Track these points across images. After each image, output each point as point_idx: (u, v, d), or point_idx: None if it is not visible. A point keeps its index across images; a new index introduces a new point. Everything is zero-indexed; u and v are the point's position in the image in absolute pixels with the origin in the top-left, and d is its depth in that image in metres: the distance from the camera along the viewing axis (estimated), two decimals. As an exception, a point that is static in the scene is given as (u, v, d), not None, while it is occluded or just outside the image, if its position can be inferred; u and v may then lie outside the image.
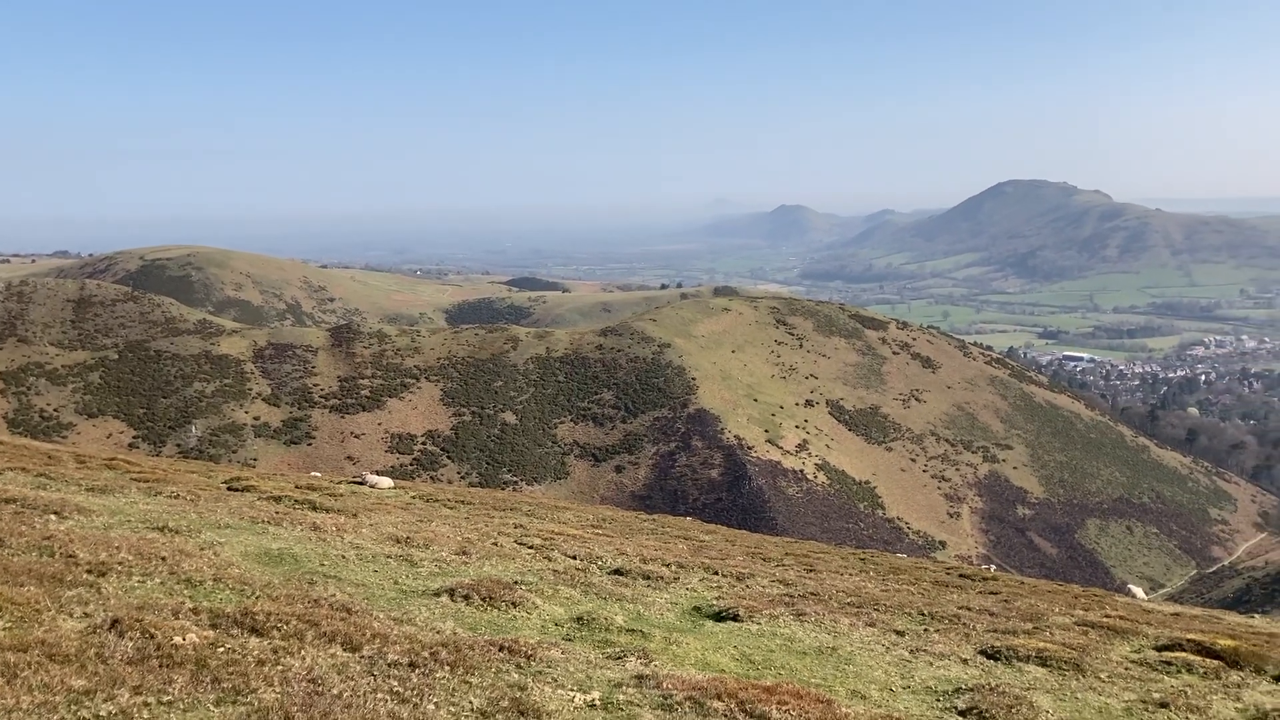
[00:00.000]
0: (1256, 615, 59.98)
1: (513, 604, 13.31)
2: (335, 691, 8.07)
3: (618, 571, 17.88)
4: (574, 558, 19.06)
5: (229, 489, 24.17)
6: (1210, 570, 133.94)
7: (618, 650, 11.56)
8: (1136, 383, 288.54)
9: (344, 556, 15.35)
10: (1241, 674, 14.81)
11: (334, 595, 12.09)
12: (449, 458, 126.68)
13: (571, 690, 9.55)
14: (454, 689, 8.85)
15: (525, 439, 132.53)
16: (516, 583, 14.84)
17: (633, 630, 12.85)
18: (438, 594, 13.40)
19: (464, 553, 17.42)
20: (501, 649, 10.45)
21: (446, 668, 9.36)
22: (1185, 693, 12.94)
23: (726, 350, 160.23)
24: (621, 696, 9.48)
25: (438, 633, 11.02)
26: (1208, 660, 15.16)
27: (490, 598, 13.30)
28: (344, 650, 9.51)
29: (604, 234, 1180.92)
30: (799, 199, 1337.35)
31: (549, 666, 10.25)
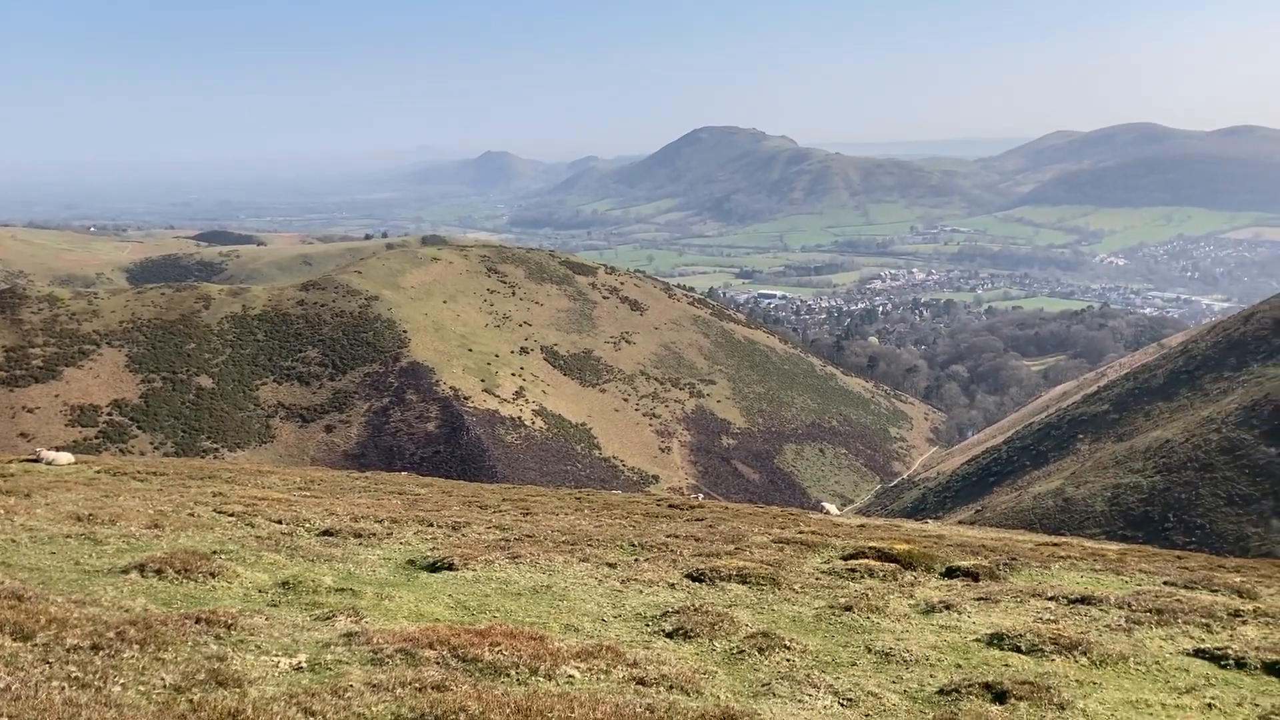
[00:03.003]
0: (930, 520, 66.47)
1: (211, 574, 12.62)
2: (1, 686, 7.35)
3: (327, 532, 17.35)
4: (279, 522, 18.31)
5: None
6: (893, 484, 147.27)
7: (327, 611, 11.25)
8: (824, 316, 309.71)
9: (14, 540, 14.00)
10: (915, 574, 16.39)
11: (1, 583, 10.99)
12: (140, 428, 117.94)
13: (276, 655, 9.20)
14: (144, 667, 8.29)
15: (224, 403, 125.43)
16: (215, 552, 14.09)
17: (343, 590, 12.54)
18: (126, 571, 12.50)
19: (156, 526, 16.31)
20: (199, 621, 9.90)
21: (135, 646, 8.75)
22: (867, 595, 14.14)
23: (438, 301, 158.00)
24: (330, 656, 9.24)
25: (126, 611, 10.28)
26: (887, 564, 16.66)
27: (186, 570, 12.55)
28: (14, 640, 8.68)
29: (300, 183, 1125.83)
30: (504, 145, 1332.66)
31: (252, 634, 9.82)
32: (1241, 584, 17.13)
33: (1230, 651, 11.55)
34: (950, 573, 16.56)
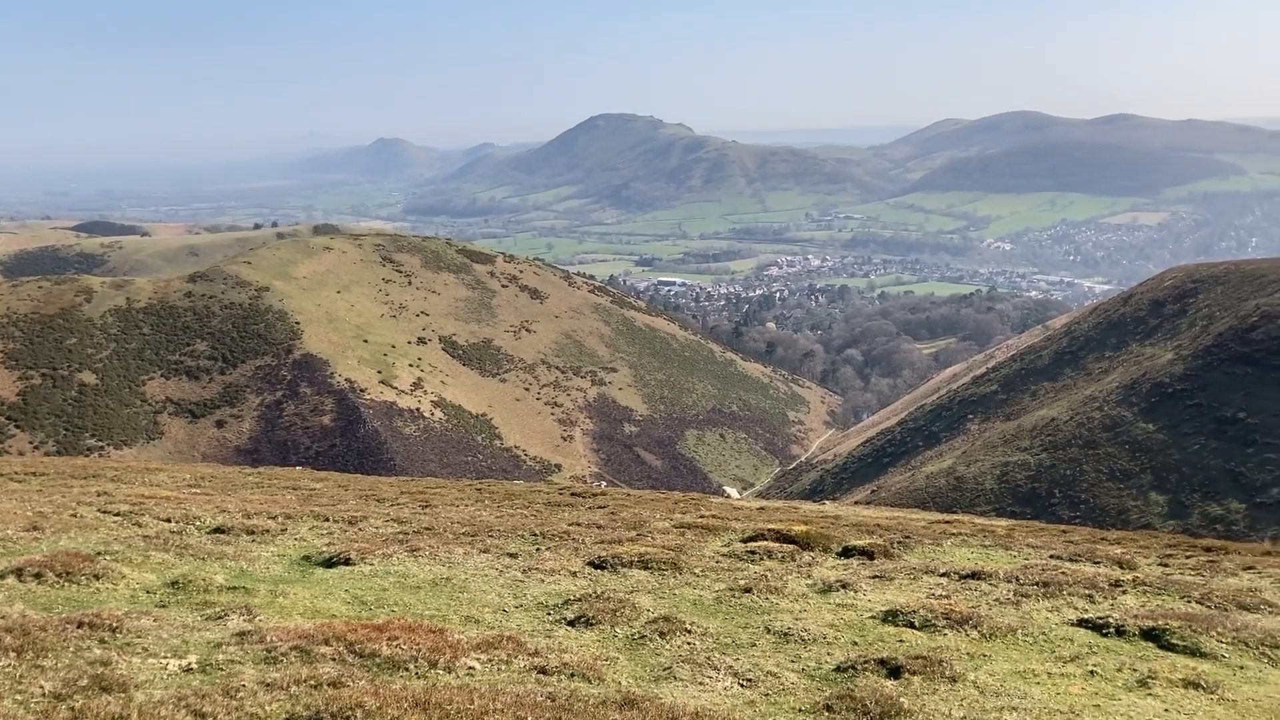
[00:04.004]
0: (827, 501, 67.77)
1: (95, 576, 12.18)
2: None
3: (219, 530, 16.91)
4: (168, 520, 17.77)
5: None
6: (792, 466, 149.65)
7: (218, 610, 10.96)
8: (723, 303, 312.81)
9: (-122, 549, 13.29)
10: (813, 554, 16.69)
11: None
12: (18, 427, 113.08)
13: (165, 658, 8.93)
14: (21, 676, 7.96)
15: (109, 399, 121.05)
16: (100, 553, 13.59)
17: (235, 588, 12.23)
18: (2, 576, 11.98)
19: (35, 528, 15.67)
20: (81, 625, 9.53)
21: (12, 654, 8.39)
22: (766, 576, 14.33)
23: (331, 291, 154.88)
24: (221, 656, 8.99)
25: (2, 618, 9.85)
26: (785, 546, 16.93)
27: (68, 572, 12.08)
28: (-122, 654, 8.25)
29: (186, 171, 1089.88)
30: (397, 132, 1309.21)
31: (139, 637, 9.51)
32: (1122, 555, 17.86)
33: (1111, 620, 12.04)
34: (847, 552, 16.91)
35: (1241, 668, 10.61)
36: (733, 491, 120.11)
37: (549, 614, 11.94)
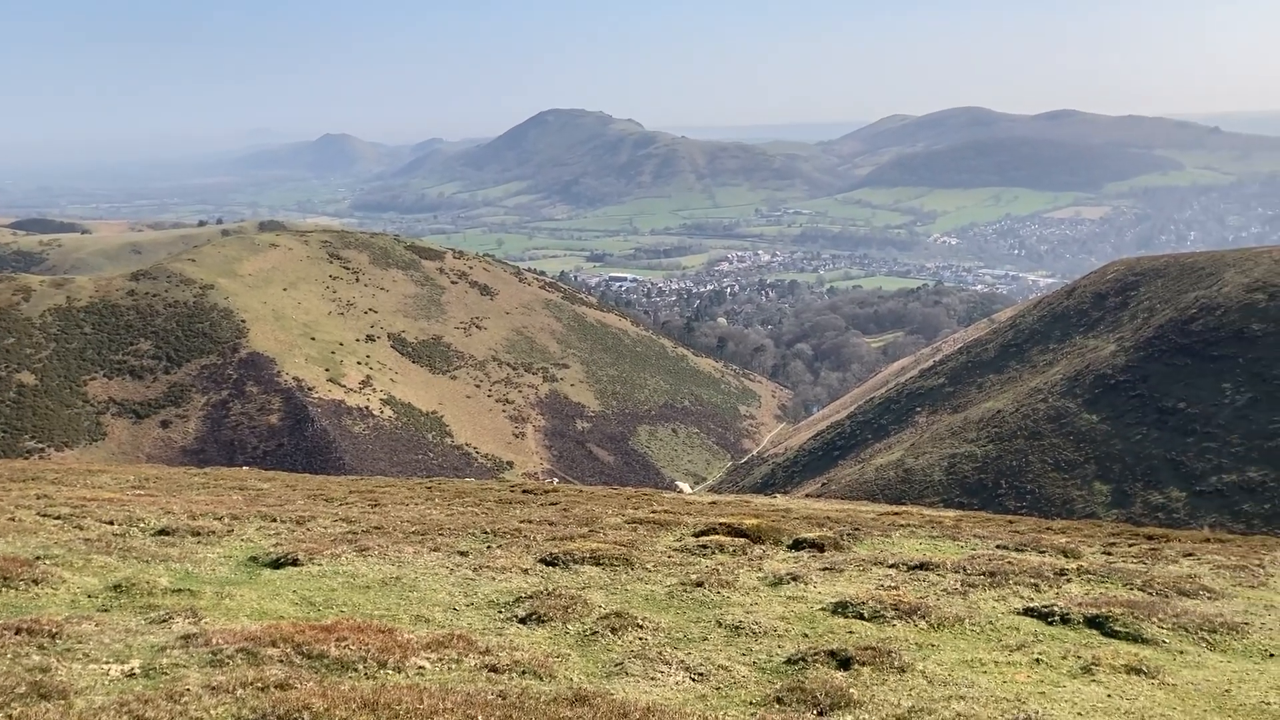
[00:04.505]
0: (779, 495, 68.20)
1: (34, 581, 11.92)
2: None
3: (163, 532, 16.63)
4: (111, 523, 17.45)
5: None
6: (743, 460, 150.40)
7: (163, 613, 10.78)
8: (674, 298, 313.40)
9: None
10: (764, 547, 16.78)
11: None
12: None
13: (107, 663, 8.75)
14: (-44, 685, 7.76)
15: (50, 400, 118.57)
16: (39, 558, 13.31)
17: (180, 590, 12.04)
18: (-64, 583, 11.68)
19: (-29, 533, 15.30)
20: (19, 631, 9.33)
21: (-53, 663, 8.19)
22: (718, 570, 14.39)
23: (278, 288, 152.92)
24: (166, 660, 8.84)
25: (-64, 626, 9.61)
26: (737, 539, 17.01)
27: (5, 578, 11.81)
28: None
29: (127, 168, 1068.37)
30: (344, 128, 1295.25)
31: (80, 642, 9.32)
32: (1066, 544, 18.17)
33: (1056, 608, 12.24)
34: (797, 545, 17.02)
35: (1181, 652, 10.84)
36: (685, 486, 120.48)
37: (500, 612, 11.89)
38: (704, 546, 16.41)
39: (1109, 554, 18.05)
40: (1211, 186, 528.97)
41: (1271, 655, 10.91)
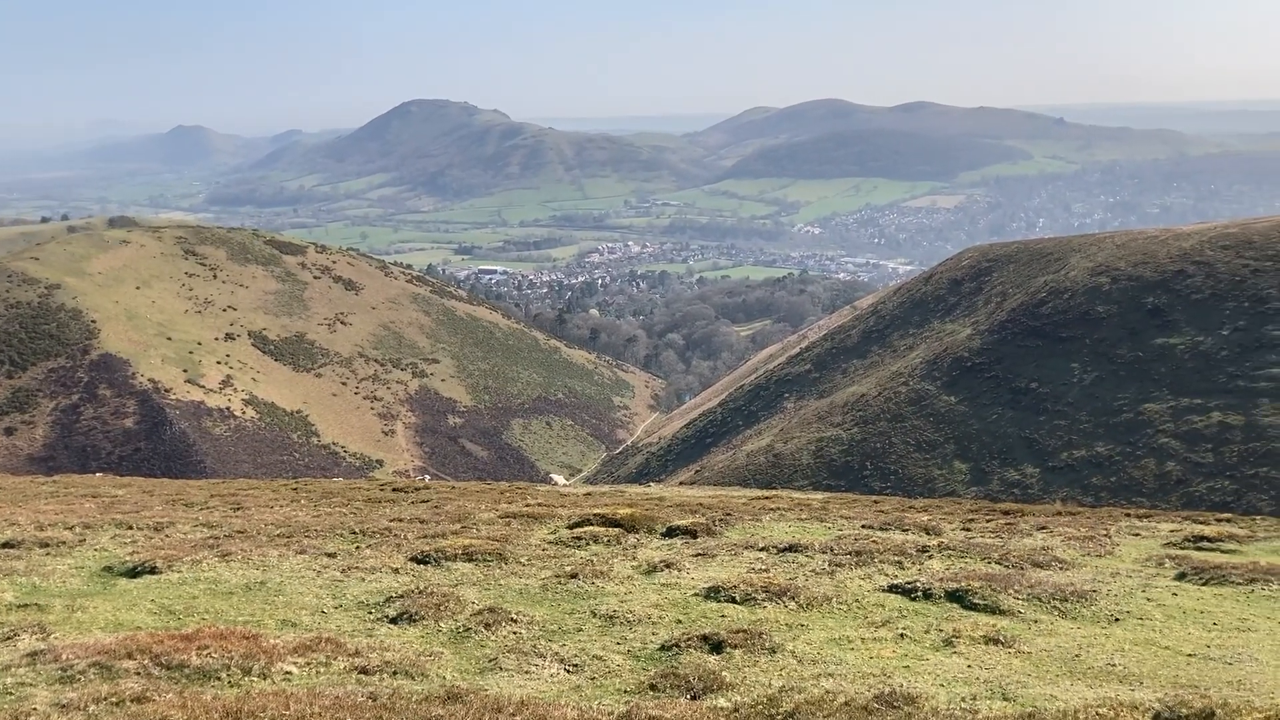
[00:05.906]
0: (653, 484, 68.74)
1: None
2: None
3: (7, 544, 15.79)
4: (-52, 537, 16.44)
5: None
6: (618, 451, 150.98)
7: (7, 631, 10.24)
8: (545, 290, 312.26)
9: None
10: (638, 536, 16.90)
11: None
12: None
13: (-55, 687, 8.25)
14: None
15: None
16: None
17: (26, 605, 11.45)
18: None
19: None
20: None
21: None
22: (592, 561, 14.43)
23: (130, 287, 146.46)
24: (10, 680, 8.39)
25: None
26: (611, 530, 17.08)
27: None
28: None
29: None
30: (197, 119, 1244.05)
31: (-86, 666, 8.76)
32: (928, 522, 18.83)
33: (919, 584, 12.69)
34: (671, 532, 17.20)
35: (1036, 621, 11.37)
36: (560, 479, 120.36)
37: (370, 613, 11.69)
38: (578, 538, 16.43)
39: (968, 530, 18.79)
40: (1058, 175, 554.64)
41: (1117, 620, 11.54)
